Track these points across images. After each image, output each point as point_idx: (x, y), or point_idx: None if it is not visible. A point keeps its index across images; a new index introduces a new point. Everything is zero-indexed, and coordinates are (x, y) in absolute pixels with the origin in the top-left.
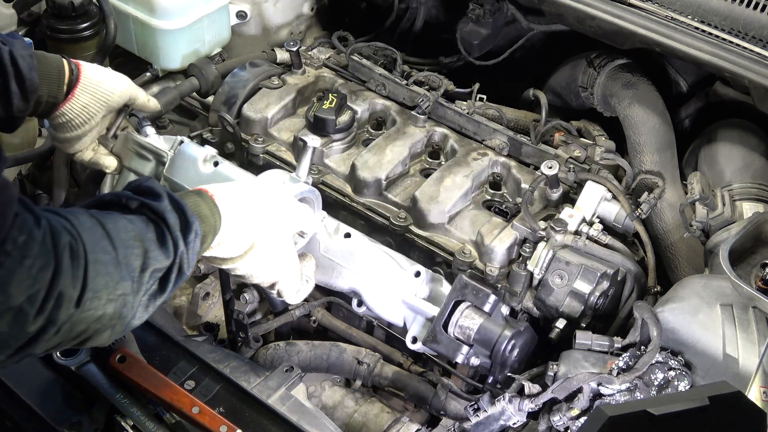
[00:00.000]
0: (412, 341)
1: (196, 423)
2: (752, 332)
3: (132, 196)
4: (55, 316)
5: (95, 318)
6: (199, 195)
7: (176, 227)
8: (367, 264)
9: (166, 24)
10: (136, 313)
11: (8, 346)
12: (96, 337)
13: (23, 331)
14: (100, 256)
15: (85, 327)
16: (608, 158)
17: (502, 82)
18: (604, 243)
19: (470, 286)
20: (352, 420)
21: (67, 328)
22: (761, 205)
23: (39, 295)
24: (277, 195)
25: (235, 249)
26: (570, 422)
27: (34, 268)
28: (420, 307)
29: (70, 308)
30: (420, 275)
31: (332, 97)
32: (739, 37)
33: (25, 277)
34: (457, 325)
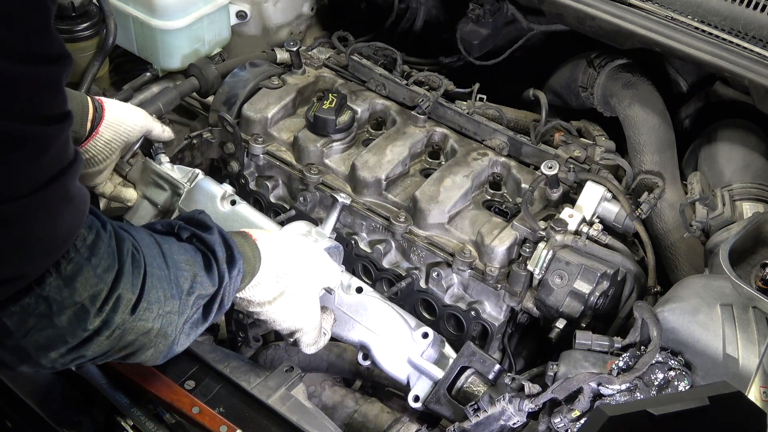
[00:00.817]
0: (414, 400)
1: (196, 423)
2: (752, 332)
3: (184, 226)
4: (111, 319)
5: (144, 330)
6: (243, 236)
7: (223, 260)
8: (379, 320)
9: (166, 24)
10: (179, 338)
11: (64, 342)
12: (140, 353)
13: (81, 328)
14: (156, 271)
15: (134, 338)
16: (608, 158)
17: (502, 82)
18: (604, 243)
19: (477, 355)
20: (352, 420)
21: (118, 334)
22: (761, 205)
23: (101, 295)
24: (312, 249)
25: (267, 294)
26: (570, 424)
27: (100, 267)
28: (426, 368)
29: (126, 313)
30: (428, 336)
31: (332, 97)
32: (739, 37)
33: (91, 275)
34: (462, 390)
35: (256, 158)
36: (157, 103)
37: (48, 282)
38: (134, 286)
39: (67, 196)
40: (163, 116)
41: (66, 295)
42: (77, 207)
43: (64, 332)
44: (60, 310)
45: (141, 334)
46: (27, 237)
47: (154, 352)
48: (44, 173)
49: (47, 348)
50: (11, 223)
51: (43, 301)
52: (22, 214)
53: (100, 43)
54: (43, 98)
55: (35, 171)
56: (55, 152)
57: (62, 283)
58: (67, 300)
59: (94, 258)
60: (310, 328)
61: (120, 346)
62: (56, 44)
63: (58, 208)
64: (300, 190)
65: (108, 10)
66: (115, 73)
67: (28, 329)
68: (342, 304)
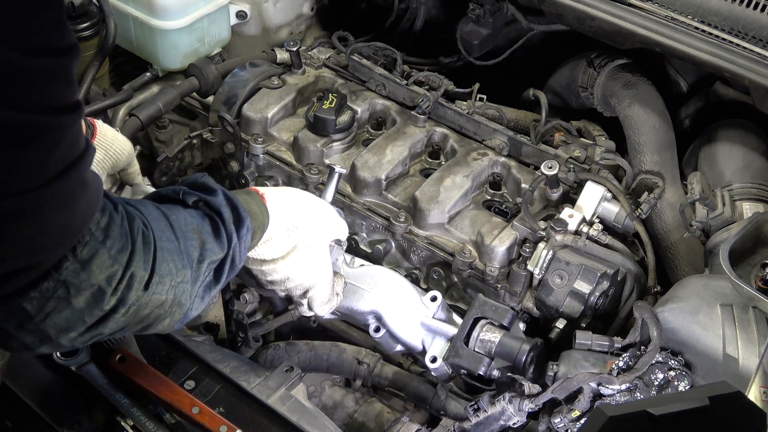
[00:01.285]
0: (432, 360)
1: (196, 423)
2: (752, 332)
3: (189, 191)
4: (126, 297)
5: (159, 303)
6: (249, 194)
7: (230, 221)
8: (388, 286)
9: (166, 24)
10: (194, 303)
11: (83, 323)
12: (157, 323)
13: (98, 309)
14: (166, 244)
15: (149, 311)
16: (608, 158)
17: (502, 82)
18: (604, 243)
19: (489, 304)
20: (352, 420)
21: (134, 311)
22: (761, 205)
23: (116, 275)
24: (320, 202)
25: (280, 249)
26: (570, 424)
27: (114, 249)
28: (439, 327)
29: (140, 290)
30: (437, 299)
31: (332, 97)
32: (739, 37)
33: (106, 258)
34: (479, 339)
35: (256, 158)
36: (157, 103)
37: (65, 266)
38: (146, 263)
39: (83, 184)
40: (163, 116)
41: (83, 278)
42: (92, 193)
43: (83, 313)
44: (77, 293)
45: (156, 307)
46: (44, 226)
47: (170, 321)
48: (60, 163)
49: (66, 329)
50: (29, 214)
51: (61, 285)
52: (40, 204)
53: (100, 43)
54: (57, 89)
55: (52, 161)
56: (70, 141)
57: (79, 267)
58: (84, 283)
59: (108, 240)
60: (324, 283)
61: (137, 320)
62: (68, 35)
63: (74, 195)
64: None
65: (108, 10)
66: (115, 73)
67: (48, 313)
68: (350, 276)
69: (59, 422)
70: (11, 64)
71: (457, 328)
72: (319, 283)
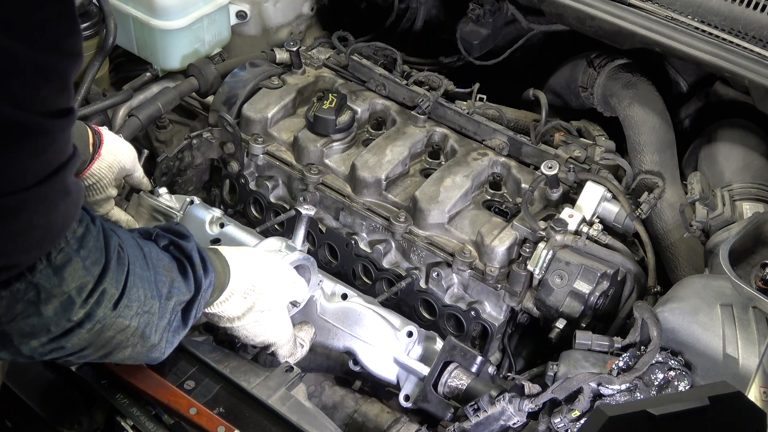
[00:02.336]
0: (405, 399)
1: (193, 424)
2: (752, 332)
3: (162, 234)
4: (94, 312)
5: (123, 327)
6: (214, 252)
7: (200, 266)
8: (361, 325)
9: (166, 24)
10: (161, 343)
11: (47, 332)
12: (118, 351)
13: (65, 319)
14: (138, 271)
15: (112, 335)
16: (608, 158)
17: (502, 82)
18: (604, 243)
19: (458, 348)
20: (352, 420)
21: (98, 329)
22: (761, 205)
23: (87, 287)
24: (279, 265)
25: (236, 309)
26: (570, 424)
27: (88, 260)
28: (411, 366)
29: (108, 308)
30: (412, 335)
31: (332, 97)
32: (739, 37)
33: (80, 267)
34: (446, 385)
35: (256, 158)
36: (157, 103)
37: (39, 269)
38: (118, 282)
39: (66, 190)
40: (163, 116)
41: (55, 284)
42: (73, 200)
43: (49, 321)
44: (48, 299)
45: (119, 331)
46: (25, 229)
47: (131, 353)
48: (47, 166)
49: (30, 336)
50: (12, 215)
51: (32, 287)
52: (23, 206)
53: (100, 43)
54: (52, 90)
55: (39, 163)
56: (59, 146)
57: (52, 272)
58: (55, 289)
59: (83, 250)
60: (284, 342)
61: (99, 342)
62: (75, 38)
63: (56, 201)
64: (300, 190)
65: (108, 10)
66: (115, 73)
67: (15, 315)
68: (325, 313)
69: (59, 422)
70: (10, 53)
71: (429, 367)
72: (279, 342)
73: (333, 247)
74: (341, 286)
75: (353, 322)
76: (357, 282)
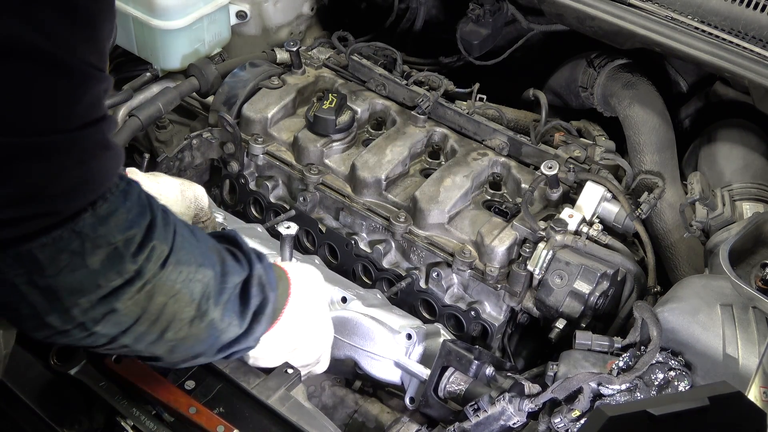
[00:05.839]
0: (411, 401)
1: (193, 423)
2: (752, 332)
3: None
4: (144, 269)
5: (173, 292)
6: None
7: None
8: (359, 334)
9: (166, 24)
10: (224, 320)
11: (96, 287)
12: (174, 327)
13: (114, 272)
14: (186, 234)
15: (164, 300)
16: (608, 158)
17: (502, 82)
18: (604, 243)
19: (453, 353)
20: (352, 420)
21: (149, 290)
22: (761, 205)
23: (135, 239)
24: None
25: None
26: (570, 424)
27: (133, 212)
28: (412, 369)
29: (157, 265)
30: (411, 337)
31: (332, 97)
32: (739, 37)
33: (125, 218)
34: (446, 390)
35: (256, 158)
36: (157, 103)
37: (83, 218)
38: (166, 239)
39: (105, 143)
40: (163, 116)
41: (100, 234)
42: (113, 155)
43: (97, 275)
44: (93, 249)
45: (170, 297)
46: (64, 172)
47: (189, 332)
48: (84, 115)
49: (79, 292)
50: (49, 156)
51: (76, 236)
52: (61, 148)
53: None
54: (90, 47)
55: (77, 111)
56: (93, 98)
57: (97, 222)
58: (101, 239)
59: (128, 202)
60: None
61: (152, 310)
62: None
63: (95, 151)
64: (300, 190)
65: None
66: (115, 73)
67: (60, 267)
68: None
69: (59, 422)
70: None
71: (429, 369)
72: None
73: (333, 247)
74: (339, 290)
75: (351, 332)
76: (357, 282)
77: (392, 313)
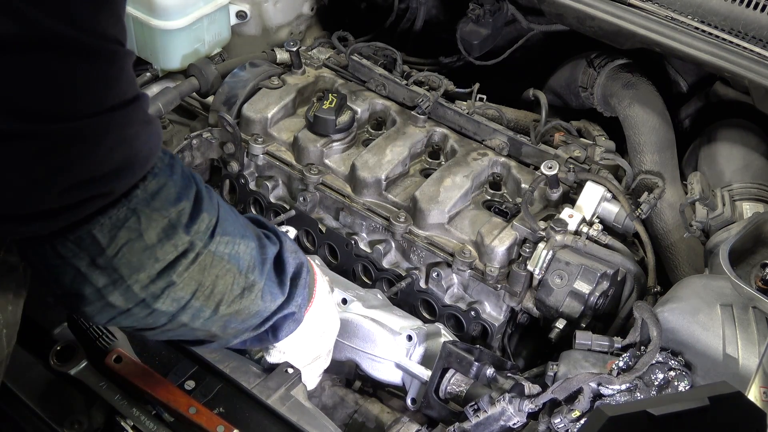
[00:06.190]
0: (412, 402)
1: (192, 423)
2: (752, 332)
3: None
4: (195, 240)
5: (224, 264)
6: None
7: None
8: (359, 337)
9: (166, 24)
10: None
11: (155, 260)
12: (228, 300)
13: (170, 244)
14: (226, 206)
15: (217, 272)
16: (608, 158)
17: (502, 82)
18: (604, 243)
19: (454, 355)
20: (352, 420)
21: (202, 261)
22: (761, 205)
23: (185, 211)
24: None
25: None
26: (570, 424)
27: (180, 184)
28: (413, 371)
29: (207, 235)
30: (412, 339)
31: (332, 97)
32: (739, 37)
33: (174, 191)
34: (447, 391)
35: (256, 158)
36: (157, 103)
37: (135, 195)
38: (213, 210)
39: (146, 119)
40: (163, 116)
41: (154, 207)
42: (154, 130)
43: (154, 248)
44: (149, 224)
45: (221, 267)
46: (112, 153)
47: (242, 305)
48: (122, 95)
49: (139, 268)
50: (97, 140)
51: (132, 213)
52: (107, 129)
53: None
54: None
55: (115, 91)
56: (128, 75)
57: (149, 197)
58: (155, 213)
59: (175, 175)
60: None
61: (207, 283)
62: None
63: (137, 128)
64: (300, 190)
65: None
66: None
67: (120, 245)
68: None
69: (59, 422)
70: None
71: (430, 370)
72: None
73: (333, 247)
74: (339, 292)
75: (352, 334)
76: (357, 282)
77: (392, 314)
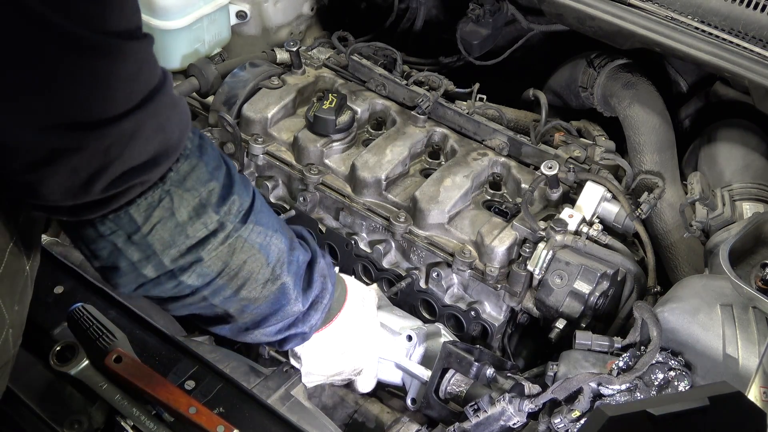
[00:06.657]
0: (412, 402)
1: (192, 423)
2: (752, 332)
3: None
4: (226, 220)
5: (252, 252)
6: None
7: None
8: None
9: (166, 24)
10: (294, 289)
11: (186, 237)
12: (249, 285)
13: (200, 222)
14: (264, 200)
15: (244, 258)
16: (608, 158)
17: (502, 82)
18: (604, 243)
19: (454, 355)
20: (352, 420)
21: (231, 244)
22: (761, 205)
23: (215, 191)
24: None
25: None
26: (570, 425)
27: (211, 164)
28: (413, 371)
29: (238, 218)
30: (411, 339)
31: (332, 97)
32: (739, 37)
33: (205, 171)
34: (447, 392)
35: (256, 158)
36: None
37: (169, 177)
38: (246, 194)
39: (173, 102)
40: None
41: (186, 187)
42: (182, 110)
43: (185, 226)
44: (180, 203)
45: (250, 255)
46: (148, 143)
47: (262, 293)
48: (148, 84)
49: (170, 244)
50: (133, 135)
51: (166, 194)
52: (140, 124)
53: None
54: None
55: (141, 83)
56: (150, 64)
57: (181, 178)
58: (187, 193)
59: (205, 156)
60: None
61: (232, 265)
62: None
63: (167, 113)
64: (300, 190)
65: None
66: None
67: (154, 223)
68: None
69: (59, 422)
70: None
71: (430, 371)
72: None
73: (333, 247)
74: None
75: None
76: None
77: (392, 314)
